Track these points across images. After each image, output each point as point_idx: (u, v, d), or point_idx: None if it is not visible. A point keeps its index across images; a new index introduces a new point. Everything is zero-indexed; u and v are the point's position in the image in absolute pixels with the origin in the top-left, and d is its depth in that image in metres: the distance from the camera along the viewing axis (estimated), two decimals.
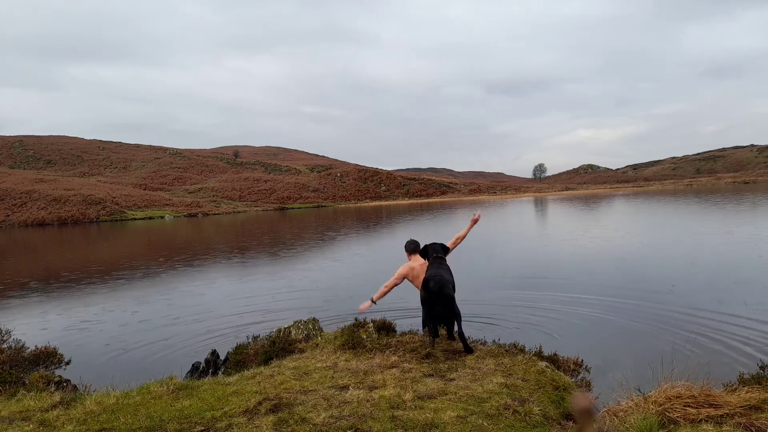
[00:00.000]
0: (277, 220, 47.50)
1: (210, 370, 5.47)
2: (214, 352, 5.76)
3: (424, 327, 5.43)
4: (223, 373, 5.18)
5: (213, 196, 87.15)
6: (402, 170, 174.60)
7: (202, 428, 3.17)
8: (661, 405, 3.16)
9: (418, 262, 5.71)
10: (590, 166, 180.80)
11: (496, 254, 15.67)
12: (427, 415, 3.22)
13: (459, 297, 5.03)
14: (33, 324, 8.78)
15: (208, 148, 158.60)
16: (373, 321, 5.45)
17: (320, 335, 5.61)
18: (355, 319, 5.54)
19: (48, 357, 5.49)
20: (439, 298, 4.52)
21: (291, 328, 5.81)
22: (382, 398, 3.53)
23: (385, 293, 5.49)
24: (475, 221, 5.88)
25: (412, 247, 5.83)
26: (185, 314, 9.04)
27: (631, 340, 6.36)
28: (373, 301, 5.47)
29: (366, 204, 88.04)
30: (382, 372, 4.16)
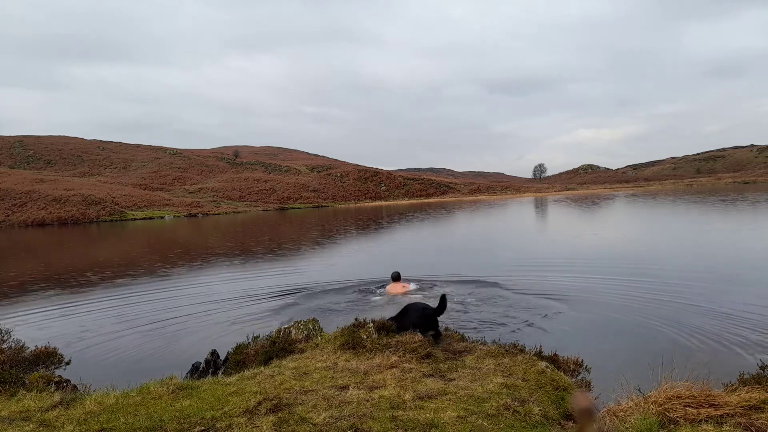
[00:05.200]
0: (277, 221, 47.51)
1: (210, 370, 5.46)
2: (214, 352, 5.75)
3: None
4: (223, 373, 5.18)
5: (213, 196, 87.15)
6: (402, 170, 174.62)
7: (202, 428, 3.17)
8: (661, 405, 3.16)
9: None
10: (590, 166, 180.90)
11: (496, 254, 15.67)
12: (427, 415, 3.22)
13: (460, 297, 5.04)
14: (33, 324, 8.78)
15: (208, 148, 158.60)
16: (373, 321, 5.44)
17: (320, 335, 5.60)
18: (355, 319, 5.54)
19: (48, 357, 5.48)
20: (429, 322, 5.18)
21: (291, 328, 5.80)
22: (382, 398, 3.53)
23: None
24: None
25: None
26: (185, 314, 9.04)
27: (631, 340, 6.36)
28: None
29: (366, 204, 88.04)
30: (382, 372, 4.16)
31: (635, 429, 2.91)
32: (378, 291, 10.07)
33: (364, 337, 5.08)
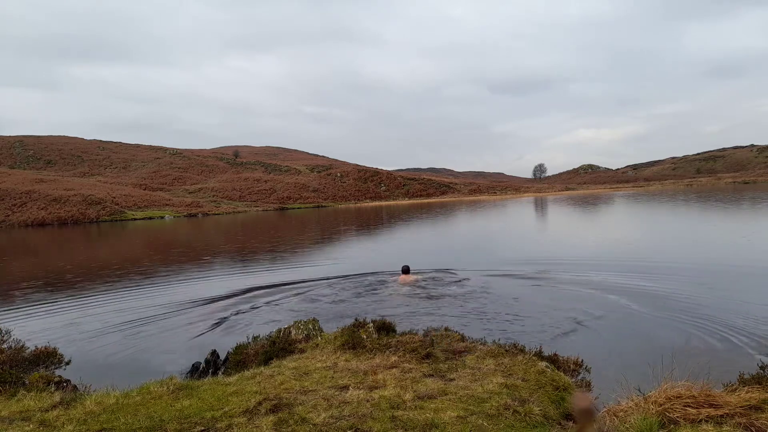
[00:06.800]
0: (278, 221, 47.52)
1: (210, 370, 5.47)
2: (214, 352, 5.76)
3: None
4: (223, 373, 5.18)
5: (213, 196, 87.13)
6: (402, 170, 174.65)
7: (202, 428, 3.17)
8: (661, 405, 3.16)
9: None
10: (590, 166, 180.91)
11: (496, 253, 15.66)
12: (427, 415, 3.22)
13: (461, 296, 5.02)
14: (33, 324, 8.78)
15: (208, 148, 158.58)
16: (373, 321, 5.45)
17: (320, 335, 5.60)
18: (355, 319, 5.54)
19: (48, 357, 5.48)
20: None
21: (291, 328, 5.80)
22: (382, 398, 3.53)
23: None
24: None
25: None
26: (185, 314, 9.04)
27: (631, 340, 6.36)
28: None
29: (366, 204, 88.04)
30: (382, 372, 4.16)
31: (635, 429, 2.91)
32: (388, 282, 10.87)
33: (364, 337, 5.09)
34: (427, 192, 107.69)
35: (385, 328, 5.35)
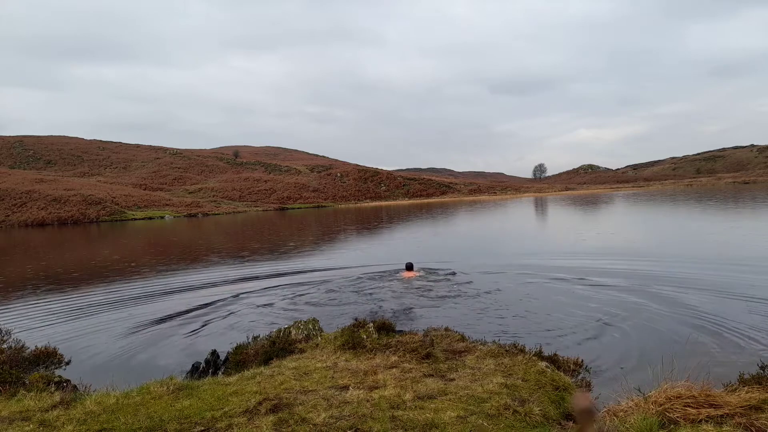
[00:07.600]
0: (278, 221, 47.51)
1: (210, 371, 5.47)
2: (214, 352, 5.75)
3: None
4: (223, 373, 5.18)
5: (213, 196, 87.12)
6: (402, 170, 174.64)
7: (202, 428, 3.17)
8: (661, 405, 3.16)
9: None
10: (590, 166, 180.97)
11: (495, 251, 15.67)
12: (427, 415, 3.22)
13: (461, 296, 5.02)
14: (33, 324, 8.78)
15: (208, 148, 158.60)
16: (373, 321, 5.44)
17: (320, 335, 5.60)
18: (355, 320, 5.54)
19: (48, 357, 5.48)
20: None
21: (291, 329, 5.80)
22: (382, 398, 3.53)
23: None
24: None
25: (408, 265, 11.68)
26: (184, 314, 9.04)
27: (631, 340, 6.35)
28: None
29: (366, 204, 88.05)
30: (382, 372, 4.16)
31: (635, 429, 2.91)
32: (393, 277, 11.47)
33: (364, 337, 5.09)
34: (427, 192, 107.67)
35: (385, 328, 5.35)
